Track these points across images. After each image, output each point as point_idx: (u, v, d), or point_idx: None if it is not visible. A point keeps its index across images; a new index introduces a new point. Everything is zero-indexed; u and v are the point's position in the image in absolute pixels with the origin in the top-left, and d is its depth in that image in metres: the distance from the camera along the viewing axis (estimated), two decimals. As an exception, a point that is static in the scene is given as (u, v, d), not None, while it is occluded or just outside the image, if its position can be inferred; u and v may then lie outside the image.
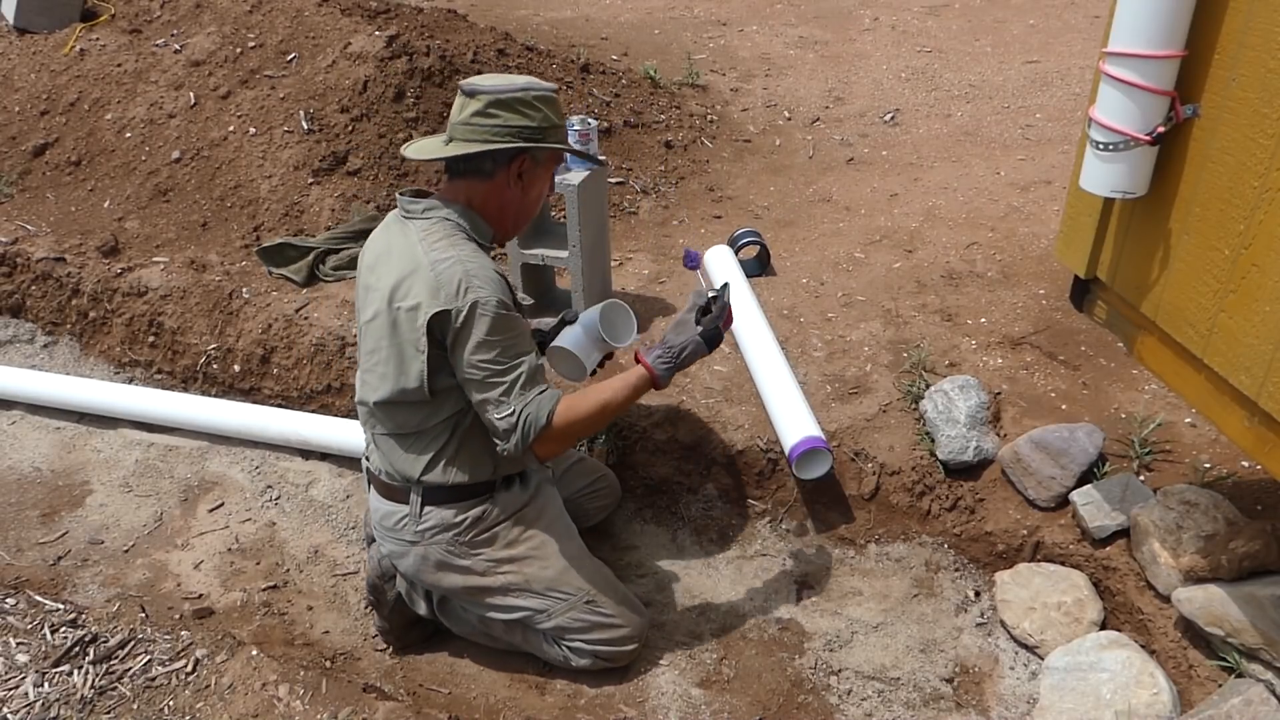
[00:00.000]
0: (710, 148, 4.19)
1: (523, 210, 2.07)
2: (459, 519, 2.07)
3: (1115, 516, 2.18)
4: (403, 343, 1.95)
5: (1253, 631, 1.85)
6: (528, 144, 1.94)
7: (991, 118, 4.38)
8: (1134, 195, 1.65)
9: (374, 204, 3.41)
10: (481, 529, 2.09)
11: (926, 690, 2.18)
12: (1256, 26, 1.42)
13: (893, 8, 5.90)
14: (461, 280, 1.87)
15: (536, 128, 1.95)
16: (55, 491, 2.88)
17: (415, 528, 2.08)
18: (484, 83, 1.95)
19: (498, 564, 2.11)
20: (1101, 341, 2.71)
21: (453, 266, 1.89)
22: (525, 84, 1.95)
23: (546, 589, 2.12)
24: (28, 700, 2.00)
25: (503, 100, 1.92)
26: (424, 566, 2.12)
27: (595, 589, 2.15)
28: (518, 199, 2.03)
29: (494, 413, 1.93)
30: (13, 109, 4.11)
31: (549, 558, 2.13)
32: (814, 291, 3.08)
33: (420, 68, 3.64)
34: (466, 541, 2.08)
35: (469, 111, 1.94)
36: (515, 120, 1.93)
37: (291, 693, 1.99)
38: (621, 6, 6.05)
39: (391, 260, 1.98)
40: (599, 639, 2.16)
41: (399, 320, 1.94)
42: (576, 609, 2.13)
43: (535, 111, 1.94)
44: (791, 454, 2.34)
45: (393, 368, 1.98)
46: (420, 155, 2.02)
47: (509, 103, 1.92)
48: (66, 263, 3.41)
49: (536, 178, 2.04)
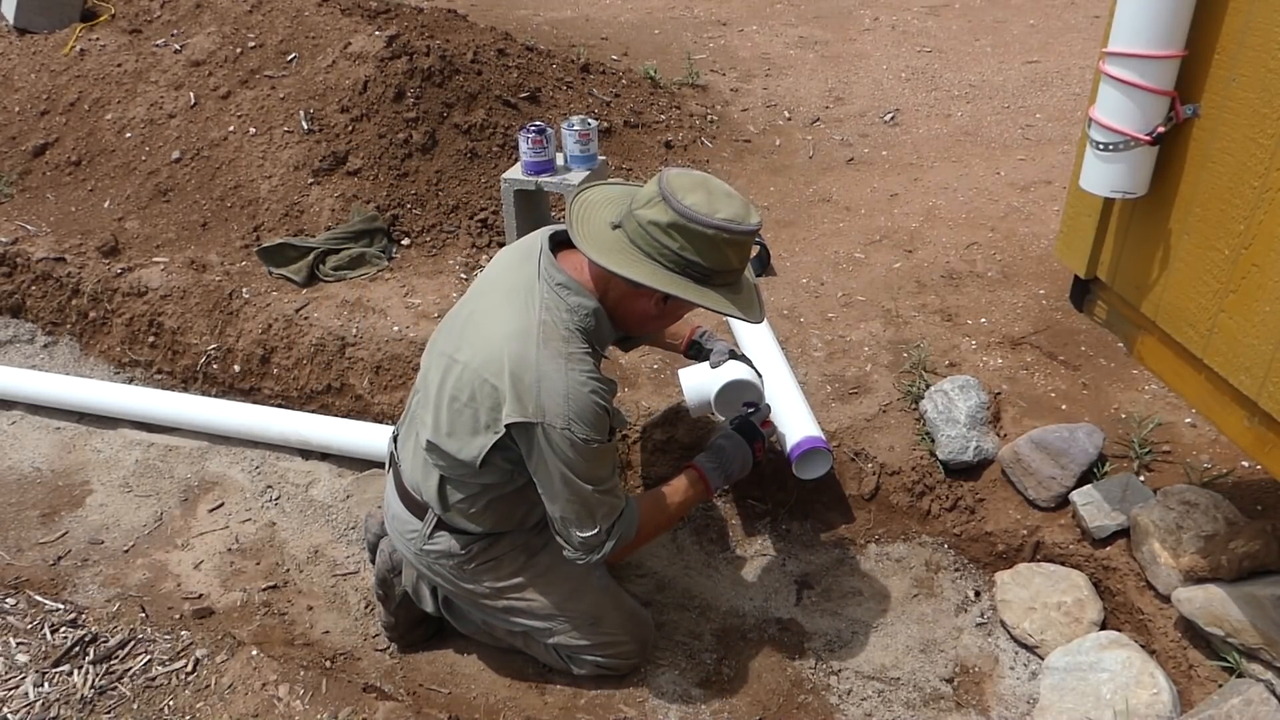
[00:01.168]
0: (710, 148, 4.19)
1: (654, 324, 1.96)
2: (465, 550, 2.05)
3: (1115, 516, 2.18)
4: (476, 413, 1.84)
5: (1253, 631, 1.85)
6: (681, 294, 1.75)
7: (991, 118, 4.38)
8: (1134, 195, 1.65)
9: (374, 204, 3.41)
10: (486, 558, 2.07)
11: (926, 690, 2.18)
12: (1256, 26, 1.42)
13: (893, 8, 5.90)
14: (561, 405, 1.77)
15: (708, 269, 1.75)
16: (55, 491, 2.88)
17: (422, 546, 2.07)
18: (683, 196, 1.72)
19: (501, 591, 2.10)
20: (1101, 341, 2.71)
21: (556, 383, 1.77)
22: (724, 220, 1.71)
23: (550, 614, 2.11)
24: (28, 700, 2.00)
25: (688, 230, 1.71)
26: (429, 574, 2.13)
27: (601, 610, 2.13)
28: (653, 314, 1.89)
29: (573, 530, 1.90)
30: (13, 109, 4.11)
31: (554, 584, 2.10)
32: (814, 291, 3.08)
33: (420, 68, 3.64)
34: (470, 570, 2.07)
35: (652, 216, 1.73)
36: (690, 253, 1.73)
37: (291, 693, 1.99)
38: (621, 6, 6.05)
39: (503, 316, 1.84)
40: (602, 654, 2.15)
41: (479, 390, 1.83)
42: (580, 629, 2.11)
43: (716, 253, 1.74)
44: (791, 454, 2.33)
45: (448, 423, 1.90)
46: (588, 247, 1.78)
47: (693, 234, 1.71)
48: (66, 263, 3.41)
49: (680, 307, 1.89)
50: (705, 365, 2.27)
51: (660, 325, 1.99)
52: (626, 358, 2.79)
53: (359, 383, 2.97)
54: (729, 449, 2.12)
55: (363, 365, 2.96)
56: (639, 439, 2.63)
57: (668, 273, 1.76)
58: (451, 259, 3.30)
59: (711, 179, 1.79)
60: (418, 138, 3.53)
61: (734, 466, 2.12)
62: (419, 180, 3.51)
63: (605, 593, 2.15)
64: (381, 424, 2.90)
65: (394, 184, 3.47)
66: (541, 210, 3.17)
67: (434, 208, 3.46)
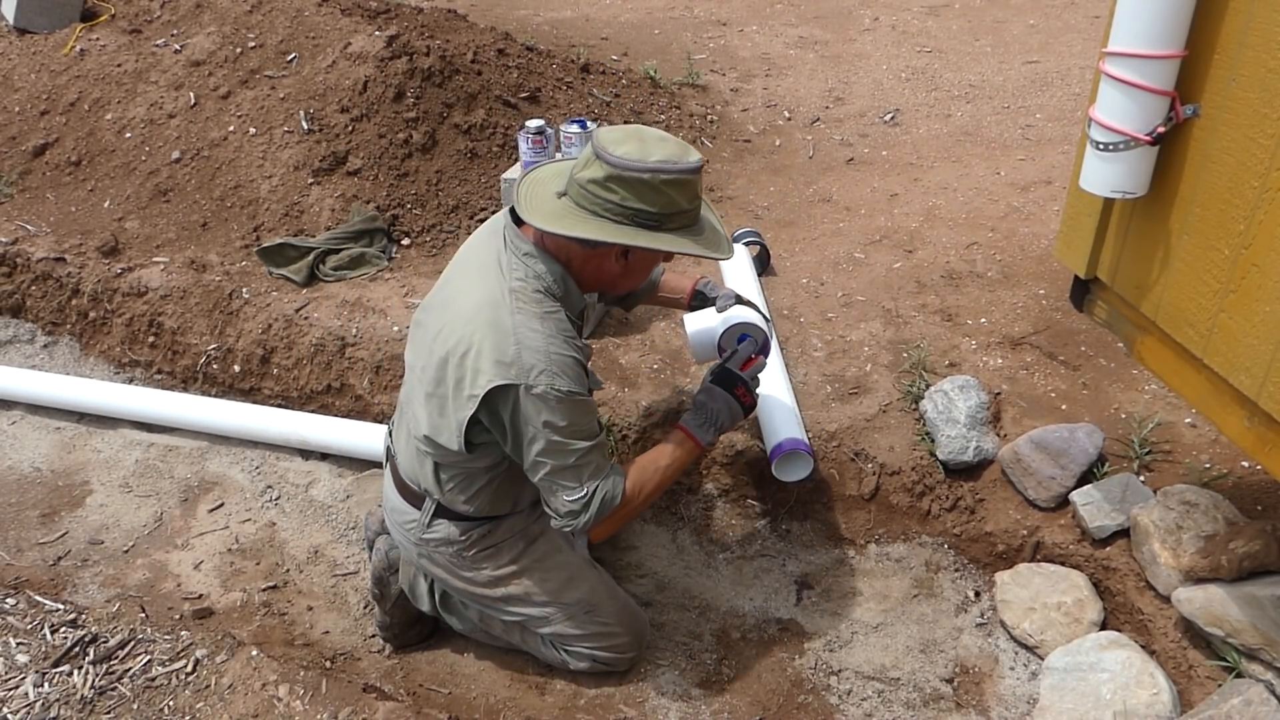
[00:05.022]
0: (710, 148, 4.19)
1: (624, 282, 1.97)
2: (465, 536, 2.06)
3: (1115, 517, 2.18)
4: (453, 390, 1.85)
5: (1253, 631, 1.85)
6: (633, 242, 1.78)
7: (991, 118, 4.38)
8: (1134, 195, 1.65)
9: (374, 204, 3.41)
10: (486, 545, 2.08)
11: (926, 690, 2.18)
12: (1257, 26, 1.42)
13: (893, 8, 5.90)
14: (542, 361, 1.78)
15: (656, 214, 1.77)
16: (55, 491, 2.88)
17: (422, 535, 2.08)
18: (614, 148, 1.74)
19: (500, 579, 2.11)
20: (1101, 341, 2.71)
21: (535, 340, 1.79)
22: (657, 163, 1.73)
23: (547, 601, 2.12)
24: (28, 700, 2.00)
25: (625, 179, 1.73)
26: (428, 565, 2.13)
27: (596, 599, 2.14)
28: (618, 271, 1.91)
29: (560, 495, 1.89)
30: (13, 109, 4.11)
31: (551, 571, 2.12)
32: (814, 291, 3.08)
33: (420, 68, 3.64)
34: (470, 557, 2.08)
35: (589, 175, 1.77)
36: (633, 201, 1.75)
37: (291, 693, 1.99)
38: (621, 6, 6.05)
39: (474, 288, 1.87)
40: (597, 646, 2.16)
41: (455, 367, 1.84)
42: (576, 618, 2.12)
43: (658, 196, 1.75)
44: (771, 456, 2.30)
45: (432, 410, 1.91)
46: (532, 217, 1.82)
47: (631, 182, 1.73)
48: (66, 263, 3.41)
49: (644, 259, 1.91)
50: (711, 310, 2.23)
51: (633, 281, 1.99)
52: (627, 358, 2.79)
53: (359, 383, 2.97)
54: (709, 402, 2.06)
55: (363, 365, 2.96)
56: (638, 439, 2.63)
57: (617, 225, 1.77)
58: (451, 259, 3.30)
59: (644, 128, 1.82)
60: (418, 138, 3.53)
61: (721, 417, 2.05)
62: (419, 180, 3.51)
63: (600, 583, 2.17)
64: (381, 424, 2.90)
65: (394, 184, 3.47)
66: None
67: (434, 208, 3.46)
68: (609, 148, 1.75)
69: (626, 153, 1.74)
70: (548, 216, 1.81)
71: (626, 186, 1.74)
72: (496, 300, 1.83)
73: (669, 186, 1.75)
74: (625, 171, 1.73)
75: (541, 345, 1.79)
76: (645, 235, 1.78)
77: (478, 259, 1.94)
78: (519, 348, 1.79)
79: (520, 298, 1.83)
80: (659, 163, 1.73)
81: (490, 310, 1.82)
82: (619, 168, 1.73)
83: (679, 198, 1.77)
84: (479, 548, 2.07)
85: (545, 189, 1.87)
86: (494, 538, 2.08)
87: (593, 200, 1.77)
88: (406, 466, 2.08)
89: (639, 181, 1.73)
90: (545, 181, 1.90)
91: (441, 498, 2.03)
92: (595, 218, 1.78)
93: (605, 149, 1.75)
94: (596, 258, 1.87)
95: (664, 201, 1.76)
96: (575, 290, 1.92)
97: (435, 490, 2.03)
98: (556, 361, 1.80)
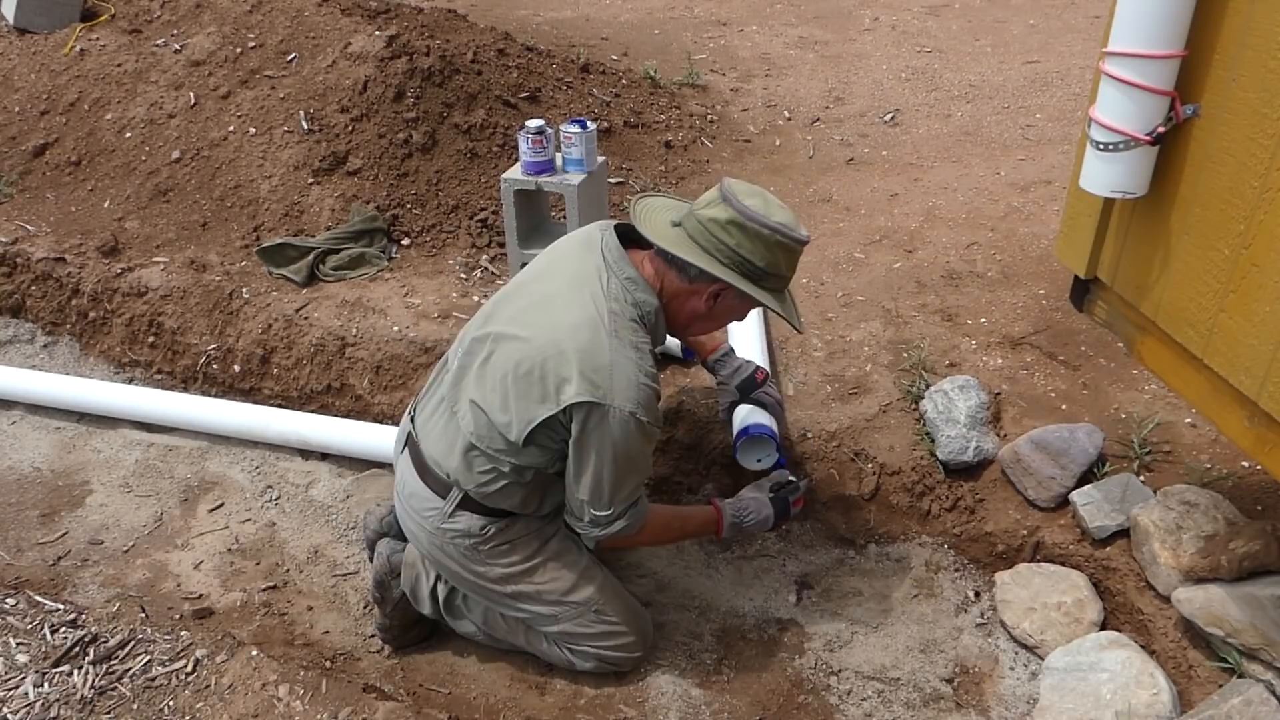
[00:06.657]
0: (710, 148, 4.19)
1: (702, 325, 2.05)
2: (484, 530, 2.08)
3: (1115, 516, 2.18)
4: (534, 390, 1.90)
5: (1253, 631, 1.85)
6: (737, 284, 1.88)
7: (991, 118, 4.38)
8: (1134, 195, 1.65)
9: (374, 204, 3.41)
10: (502, 540, 2.10)
11: (926, 690, 2.18)
12: (1257, 26, 1.42)
13: (893, 8, 5.90)
14: (627, 388, 1.85)
15: (760, 269, 1.88)
16: (55, 491, 2.88)
17: (441, 524, 2.08)
18: (743, 198, 1.86)
19: (512, 577, 2.12)
20: (1101, 341, 2.71)
21: (629, 369, 1.86)
22: (778, 223, 1.86)
23: (556, 600, 2.13)
24: (28, 700, 2.00)
25: (746, 228, 1.85)
26: (439, 555, 2.13)
27: (603, 599, 2.15)
28: (702, 314, 1.99)
29: (590, 508, 1.97)
30: (13, 109, 4.11)
31: (562, 570, 2.14)
32: (814, 291, 3.08)
33: (420, 68, 3.64)
34: (486, 551, 2.09)
35: (712, 214, 1.87)
36: (745, 250, 1.86)
37: (291, 693, 1.99)
38: (621, 6, 6.05)
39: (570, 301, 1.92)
40: (604, 645, 2.16)
41: (540, 368, 1.89)
42: (584, 616, 2.13)
43: (769, 253, 1.87)
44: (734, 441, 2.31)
45: (501, 398, 1.94)
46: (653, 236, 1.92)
47: (751, 232, 1.85)
48: (66, 263, 3.41)
49: (729, 309, 2.01)
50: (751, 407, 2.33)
51: (706, 327, 2.08)
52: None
53: (359, 383, 2.97)
54: (754, 507, 2.22)
55: (363, 365, 2.96)
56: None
57: (724, 267, 1.88)
58: (451, 259, 3.30)
59: (769, 193, 1.94)
60: (418, 138, 3.53)
61: (751, 522, 2.21)
62: (419, 180, 3.51)
63: (608, 583, 2.19)
64: (382, 424, 2.90)
65: (394, 184, 3.47)
66: (541, 210, 3.17)
67: (434, 208, 3.46)
68: (739, 196, 1.86)
69: (753, 205, 1.86)
70: (666, 239, 1.92)
71: (744, 234, 1.85)
72: (595, 319, 1.89)
73: (780, 248, 1.88)
74: (749, 221, 1.84)
75: (633, 375, 1.87)
76: (747, 284, 1.89)
77: (571, 269, 1.99)
78: (612, 371, 1.86)
79: (618, 323, 1.90)
80: (779, 224, 1.86)
81: (589, 328, 1.88)
82: (744, 216, 1.84)
83: (783, 261, 1.91)
84: (495, 542, 2.09)
85: (661, 216, 1.98)
86: (510, 534, 2.09)
87: (708, 238, 1.87)
88: (436, 451, 2.08)
89: (757, 234, 1.85)
90: (659, 210, 2.01)
91: (471, 488, 2.04)
92: (707, 255, 1.88)
93: (735, 196, 1.86)
94: (689, 295, 1.96)
95: (771, 260, 1.88)
96: (663, 327, 2.01)
97: (466, 479, 2.03)
98: (644, 393, 1.88)
